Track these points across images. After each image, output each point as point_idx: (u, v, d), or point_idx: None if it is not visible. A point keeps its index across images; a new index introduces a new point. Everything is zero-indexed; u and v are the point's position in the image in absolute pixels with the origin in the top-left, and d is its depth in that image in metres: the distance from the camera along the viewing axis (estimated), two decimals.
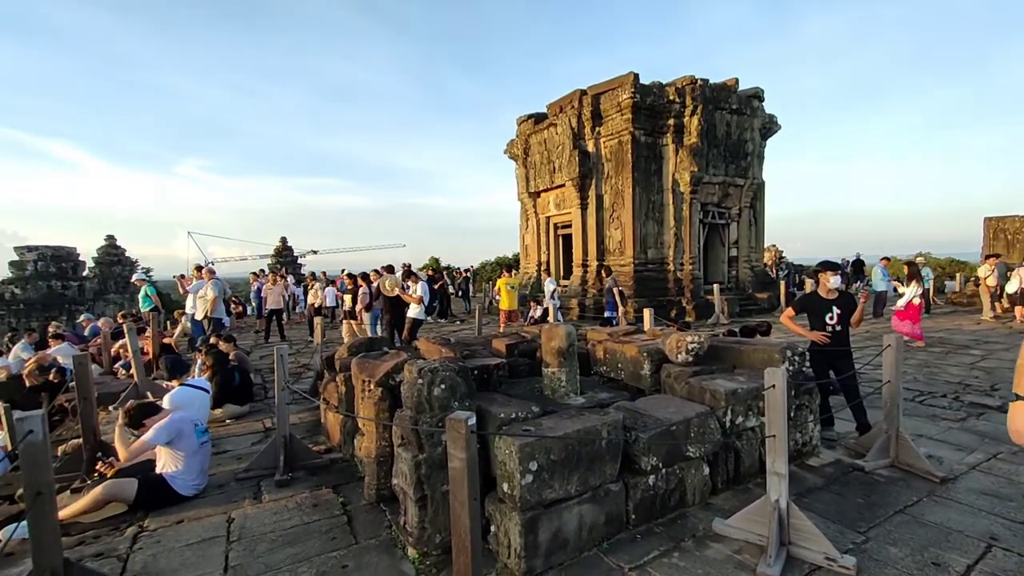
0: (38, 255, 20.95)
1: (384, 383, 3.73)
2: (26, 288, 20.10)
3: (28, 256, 20.83)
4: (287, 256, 28.48)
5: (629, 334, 5.36)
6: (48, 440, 2.55)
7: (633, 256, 13.85)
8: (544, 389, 3.95)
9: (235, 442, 5.15)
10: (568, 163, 14.86)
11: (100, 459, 4.18)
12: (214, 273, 9.16)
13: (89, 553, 3.15)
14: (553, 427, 2.83)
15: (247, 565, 2.98)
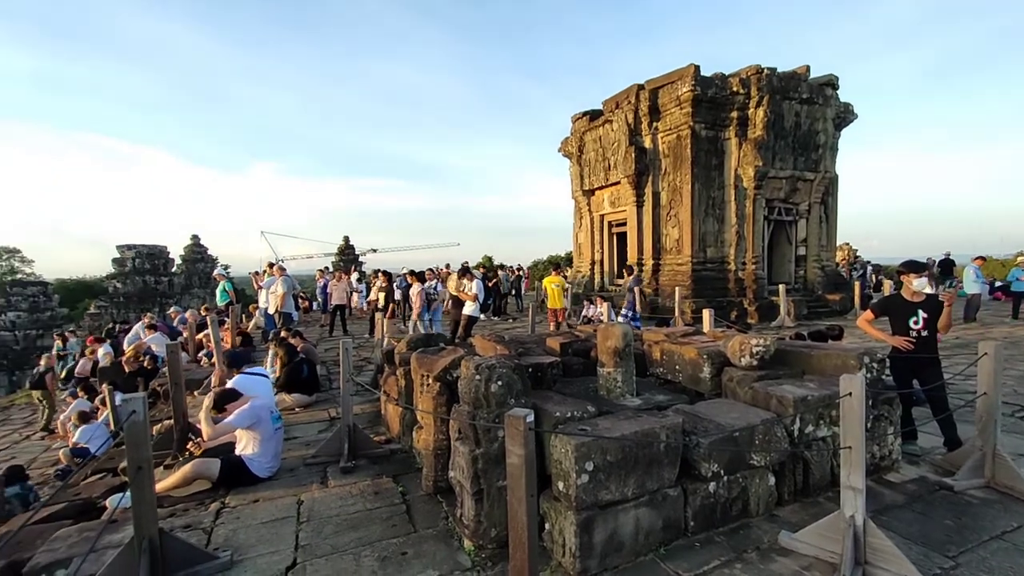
0: (136, 253, 23.36)
1: (442, 378, 3.84)
2: (126, 283, 22.43)
3: (127, 254, 23.28)
4: (349, 254, 29.87)
5: (687, 335, 5.19)
6: (148, 420, 2.84)
7: (691, 255, 13.37)
8: (599, 389, 3.91)
9: (303, 429, 5.48)
10: (624, 160, 14.57)
11: (190, 439, 4.59)
12: (284, 270, 9.78)
13: (179, 524, 3.47)
14: (610, 428, 2.81)
15: (315, 545, 3.16)
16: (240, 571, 2.91)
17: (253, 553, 3.08)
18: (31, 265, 44.21)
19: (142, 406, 2.74)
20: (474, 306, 9.03)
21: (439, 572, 2.83)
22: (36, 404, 12.93)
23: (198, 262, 25.61)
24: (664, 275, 14.18)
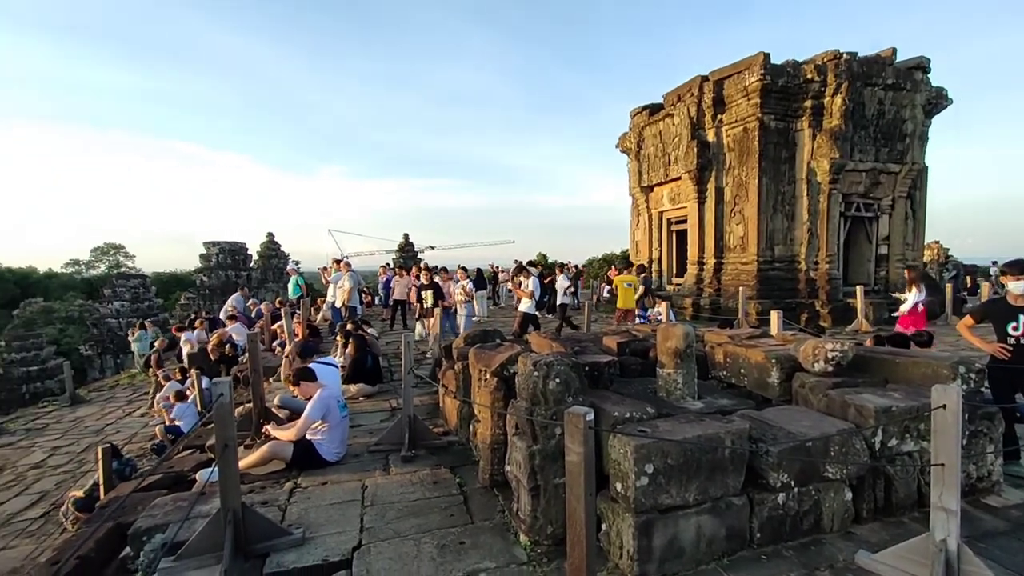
0: (219, 249, 25.53)
1: (499, 373, 3.90)
2: (210, 276, 24.58)
3: (212, 250, 25.49)
4: (409, 251, 30.88)
5: (753, 337, 4.95)
6: (233, 403, 3.09)
7: (757, 253, 12.69)
8: (658, 391, 3.82)
9: (366, 418, 5.74)
10: (685, 154, 14.06)
11: (262, 422, 4.94)
12: (350, 266, 10.29)
13: (258, 500, 3.74)
14: (671, 431, 2.73)
15: (378, 529, 3.32)
16: (311, 548, 3.10)
17: (322, 532, 3.28)
18: (133, 260, 49.28)
19: (228, 390, 2.99)
20: (530, 303, 9.05)
21: (495, 564, 2.88)
22: (137, 384, 14.40)
23: (272, 258, 27.50)
24: (727, 274, 13.56)
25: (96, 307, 25.90)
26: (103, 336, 22.56)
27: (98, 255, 48.86)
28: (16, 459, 9.11)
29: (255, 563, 2.99)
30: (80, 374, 15.91)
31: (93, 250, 49.21)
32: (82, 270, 47.96)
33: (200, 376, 7.89)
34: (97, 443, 8.39)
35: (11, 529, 6.54)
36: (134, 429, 9.99)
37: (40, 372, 19.75)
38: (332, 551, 3.06)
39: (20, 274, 44.71)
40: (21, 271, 45.52)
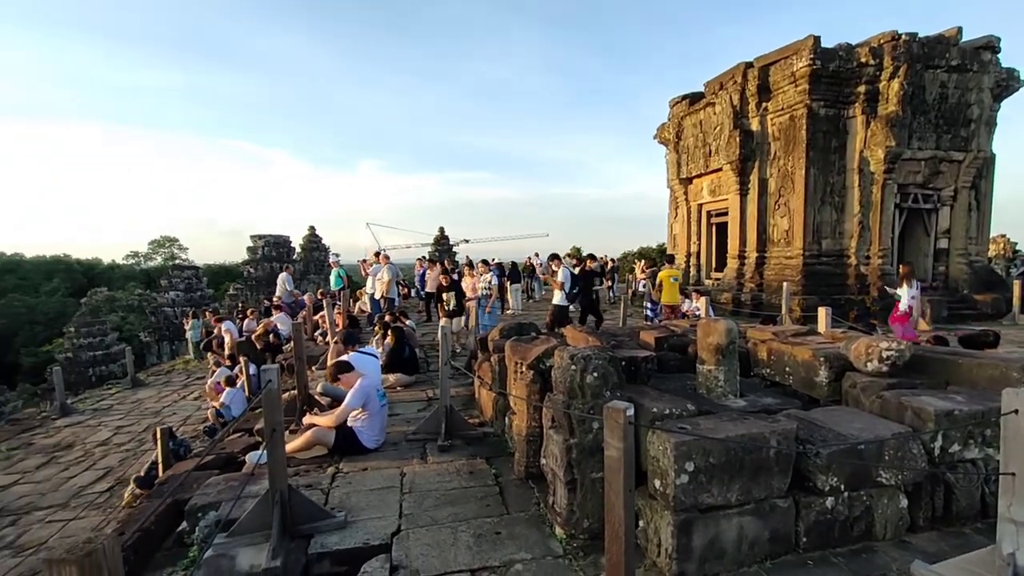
0: (265, 242, 26.70)
1: (535, 366, 3.90)
2: (257, 268, 25.74)
3: (258, 243, 26.70)
4: (444, 244, 31.28)
5: (799, 334, 4.76)
6: (280, 389, 3.22)
7: (803, 247, 12.17)
8: (698, 387, 3.73)
9: (404, 407, 5.87)
10: (727, 144, 13.58)
11: (305, 409, 5.13)
12: (388, 259, 10.52)
13: (302, 483, 3.89)
14: (712, 428, 2.67)
15: (416, 516, 3.40)
16: (353, 531, 3.21)
17: (363, 516, 3.38)
18: (186, 252, 52.00)
19: (276, 376, 3.11)
20: (561, 295, 8.97)
21: (531, 555, 2.90)
22: (191, 370, 15.23)
23: (314, 250, 28.47)
24: (769, 269, 13.07)
25: (154, 296, 27.54)
26: (160, 324, 23.97)
27: (155, 247, 51.85)
28: (85, 436, 9.82)
29: (300, 543, 3.12)
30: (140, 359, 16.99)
31: (151, 243, 52.29)
32: (141, 261, 51.04)
33: (248, 363, 8.27)
34: (155, 424, 8.94)
35: (81, 501, 7.08)
36: (188, 412, 10.59)
37: (105, 356, 21.19)
38: (372, 535, 3.16)
39: (87, 265, 48.04)
40: (88, 263, 48.88)
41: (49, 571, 1.35)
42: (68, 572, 1.33)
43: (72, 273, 44.34)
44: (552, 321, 8.95)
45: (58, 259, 47.02)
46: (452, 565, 2.83)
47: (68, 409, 11.42)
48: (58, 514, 6.74)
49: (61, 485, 7.64)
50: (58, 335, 25.27)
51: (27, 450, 9.27)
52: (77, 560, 1.31)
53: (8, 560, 5.68)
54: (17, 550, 5.89)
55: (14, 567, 5.53)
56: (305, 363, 5.46)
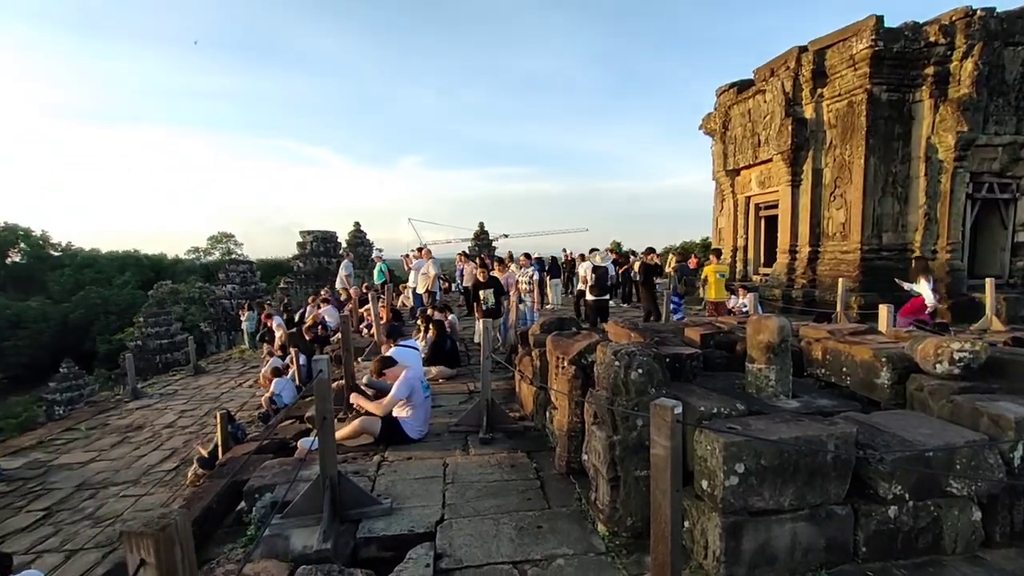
0: (313, 237, 27.85)
1: (577, 361, 3.88)
2: (305, 263, 26.88)
3: (307, 238, 27.87)
4: (483, 239, 31.51)
5: (857, 333, 4.50)
6: (330, 378, 3.35)
7: (861, 241, 11.47)
8: (746, 387, 3.60)
9: (446, 399, 5.98)
10: (778, 134, 12.96)
11: None
12: (431, 254, 10.71)
13: (350, 470, 4.04)
14: (764, 429, 2.57)
15: (459, 506, 3.46)
16: (398, 518, 3.31)
17: (408, 504, 3.48)
18: (241, 247, 54.88)
19: (327, 367, 3.24)
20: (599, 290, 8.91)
21: (573, 551, 2.90)
22: (247, 359, 16.08)
23: (359, 246, 29.37)
24: (823, 264, 12.41)
25: (212, 289, 29.22)
26: (218, 315, 25.42)
27: (213, 243, 54.98)
28: (153, 418, 10.58)
29: (349, 527, 3.25)
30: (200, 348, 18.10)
31: (209, 239, 55.50)
32: (200, 256, 54.23)
33: (298, 354, 8.65)
34: (215, 409, 9.50)
35: (150, 478, 7.63)
36: (244, 398, 11.19)
37: (169, 345, 22.70)
38: (417, 523, 3.24)
39: (154, 260, 51.55)
40: (155, 257, 52.45)
41: (128, 543, 1.46)
42: (145, 545, 1.43)
43: (141, 267, 47.71)
44: (593, 316, 8.88)
45: (129, 254, 50.72)
46: (495, 556, 2.87)
47: (139, 393, 12.32)
48: (130, 490, 7.30)
49: (133, 463, 8.27)
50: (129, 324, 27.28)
51: (103, 430, 10.08)
52: (153, 534, 1.41)
53: (89, 530, 6.21)
54: (96, 520, 6.43)
55: (94, 536, 6.05)
56: (352, 354, 5.66)
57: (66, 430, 10.19)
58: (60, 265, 45.15)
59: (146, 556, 1.38)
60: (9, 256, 46.43)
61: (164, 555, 1.39)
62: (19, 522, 6.48)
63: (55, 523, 6.43)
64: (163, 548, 1.39)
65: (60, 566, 5.39)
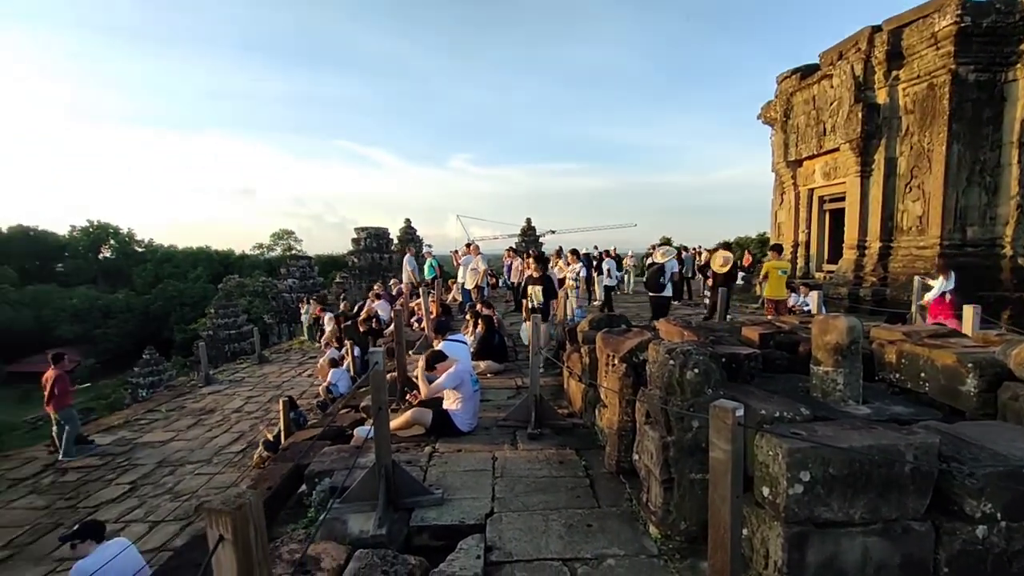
0: (367, 234, 28.96)
1: (628, 359, 3.81)
2: (360, 258, 27.97)
3: (361, 235, 29.01)
4: (531, 235, 31.54)
5: (938, 335, 4.16)
6: (385, 370, 3.46)
7: (941, 235, 10.56)
8: (811, 390, 3.41)
9: (494, 394, 6.05)
10: (846, 121, 12.12)
11: (406, 391, 5.48)
12: (479, 250, 10.85)
13: (403, 459, 4.16)
14: (833, 436, 2.42)
15: (508, 500, 3.49)
16: (449, 508, 3.38)
17: (458, 496, 3.55)
18: (300, 243, 57.80)
19: (382, 359, 3.35)
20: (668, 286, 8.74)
21: (624, 552, 2.86)
22: (306, 349, 16.93)
23: (409, 242, 30.20)
24: (896, 260, 11.53)
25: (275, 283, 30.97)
26: (280, 307, 26.90)
27: (275, 240, 58.19)
28: (223, 403, 11.36)
29: (402, 515, 3.35)
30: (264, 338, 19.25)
31: (272, 235, 58.80)
32: (264, 252, 57.56)
33: (353, 346, 9.01)
34: (277, 396, 10.08)
35: (222, 459, 8.21)
36: (304, 387, 11.80)
37: (237, 335, 24.28)
38: (468, 514, 3.30)
39: (223, 255, 55.28)
40: (224, 253, 56.21)
41: (209, 520, 1.58)
42: (223, 521, 1.54)
43: (212, 262, 51.30)
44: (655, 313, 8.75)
45: (201, 250, 54.68)
46: (544, 552, 2.87)
47: (210, 379, 13.26)
48: (204, 468, 7.89)
49: (206, 444, 8.92)
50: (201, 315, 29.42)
51: (180, 412, 10.93)
52: (231, 512, 1.52)
53: (169, 503, 6.77)
54: (175, 495, 6.99)
55: (173, 509, 6.58)
56: (404, 347, 5.82)
57: (148, 411, 11.13)
58: (143, 260, 49.35)
59: (224, 532, 1.49)
60: (101, 252, 51.17)
61: (240, 532, 1.49)
62: (109, 493, 7.16)
63: (140, 496, 7.05)
64: (239, 525, 1.49)
65: (144, 536, 5.91)
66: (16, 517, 6.61)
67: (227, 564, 1.50)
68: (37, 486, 7.53)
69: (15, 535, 6.18)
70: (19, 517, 6.60)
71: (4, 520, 6.54)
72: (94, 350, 36.68)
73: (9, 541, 6.05)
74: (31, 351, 33.38)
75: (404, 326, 10.17)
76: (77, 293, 40.41)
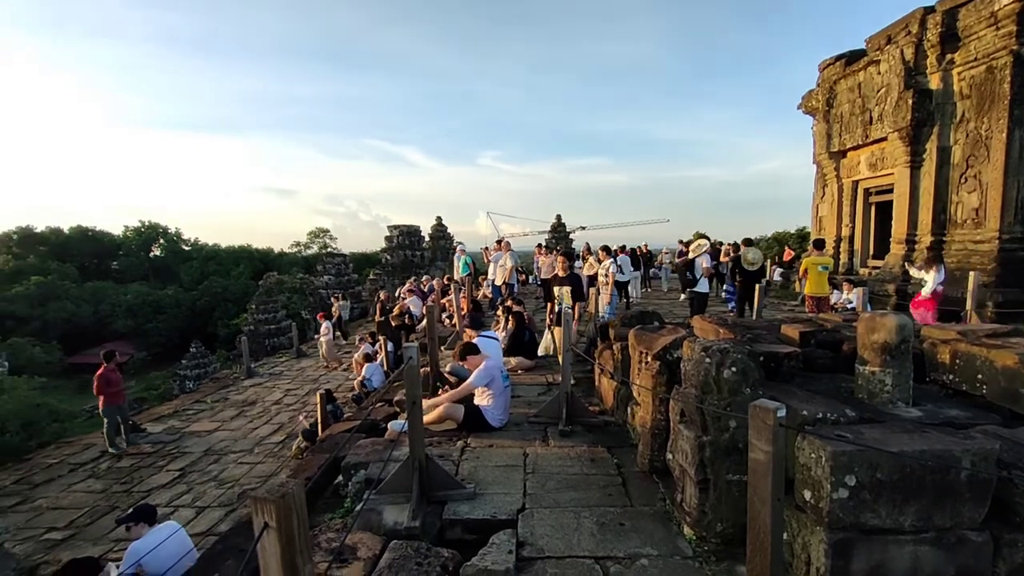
0: (399, 231, 29.46)
1: (661, 357, 3.74)
2: (392, 256, 28.49)
3: (394, 232, 29.54)
4: (560, 232, 31.37)
5: (997, 335, 3.90)
6: (419, 365, 3.51)
7: (1000, 229, 9.90)
8: (856, 391, 3.26)
9: (525, 390, 6.05)
10: (895, 108, 11.50)
11: (440, 386, 5.55)
12: (510, 246, 10.87)
13: (435, 453, 4.22)
14: (881, 440, 2.31)
15: (540, 496, 3.49)
16: (481, 503, 3.41)
17: (490, 490, 3.57)
18: (335, 241, 59.37)
19: (416, 354, 3.41)
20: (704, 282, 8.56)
21: (658, 552, 2.82)
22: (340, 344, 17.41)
23: (441, 239, 30.55)
24: (949, 256, 10.87)
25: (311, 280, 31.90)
26: (316, 304, 27.70)
27: (312, 238, 59.94)
28: (263, 395, 11.81)
29: (435, 508, 3.40)
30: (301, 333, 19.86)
31: (308, 233, 60.62)
32: (301, 250, 59.35)
33: (386, 341, 9.19)
34: (315, 389, 10.40)
35: (263, 449, 8.54)
36: (339, 381, 12.14)
37: (276, 330, 25.15)
38: (499, 509, 3.32)
39: (263, 253, 57.37)
40: (263, 251, 58.32)
41: (254, 507, 1.64)
42: (268, 510, 1.60)
43: (252, 260, 53.29)
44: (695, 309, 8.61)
45: (243, 248, 56.89)
46: (576, 550, 2.86)
47: (252, 372, 13.81)
48: (246, 458, 8.23)
49: (247, 434, 9.30)
50: (243, 311, 30.59)
51: (224, 403, 11.43)
52: (275, 501, 1.58)
53: (214, 490, 7.10)
54: (220, 483, 7.33)
55: (219, 496, 6.89)
56: (437, 343, 5.90)
57: (195, 402, 11.69)
58: (189, 258, 51.69)
59: (269, 520, 1.55)
60: (152, 250, 53.95)
61: (284, 520, 1.54)
62: (160, 479, 7.57)
63: (188, 482, 7.43)
64: (283, 514, 1.54)
65: (192, 520, 6.22)
66: (77, 500, 7.08)
67: (271, 550, 1.56)
68: (95, 471, 8.04)
69: (76, 516, 6.62)
70: (79, 500, 7.07)
71: (66, 502, 7.01)
72: (146, 343, 38.75)
73: (70, 522, 6.49)
74: (90, 343, 35.72)
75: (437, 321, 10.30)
76: (131, 289, 42.77)
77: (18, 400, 13.78)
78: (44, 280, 38.69)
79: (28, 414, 12.75)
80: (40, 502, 7.00)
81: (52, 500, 7.05)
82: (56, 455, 8.77)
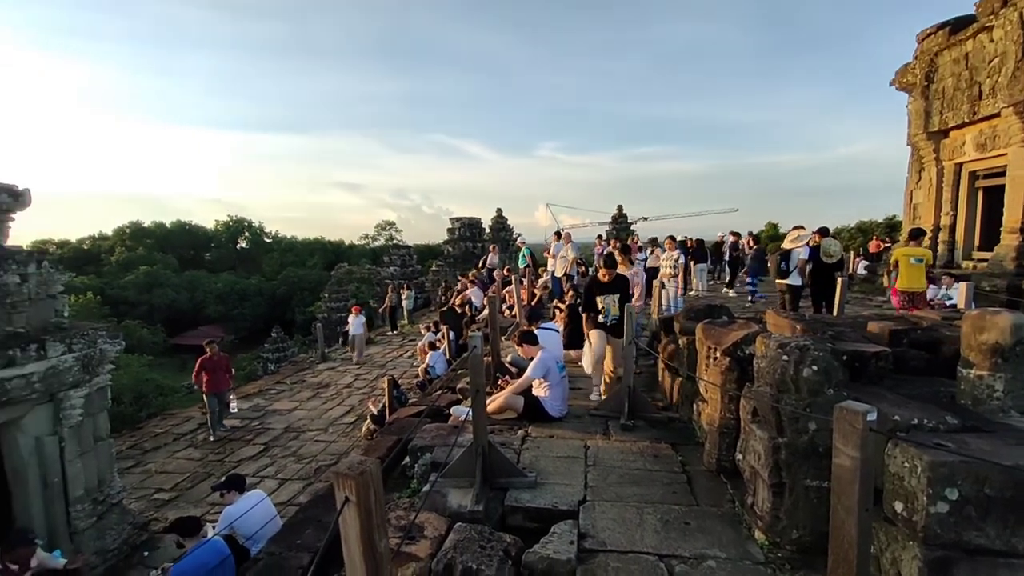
0: (461, 223, 30.09)
1: (732, 353, 3.58)
2: (454, 247, 29.17)
3: (455, 224, 30.23)
4: (622, 223, 30.62)
5: None
6: (482, 354, 3.58)
7: None
8: (958, 396, 2.95)
9: (584, 382, 6.00)
10: (1011, 80, 10.12)
11: (498, 376, 5.64)
12: (570, 237, 10.78)
13: (497, 441, 4.30)
14: (989, 451, 2.08)
15: (602, 489, 3.47)
16: (543, 492, 3.44)
17: (551, 480, 3.60)
18: (400, 233, 61.73)
19: (480, 344, 3.48)
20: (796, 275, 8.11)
21: (726, 555, 2.72)
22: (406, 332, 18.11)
23: (500, 231, 30.84)
24: None
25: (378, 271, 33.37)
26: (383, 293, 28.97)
27: (379, 230, 62.72)
28: (336, 379, 12.57)
29: (497, 494, 3.48)
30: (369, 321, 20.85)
31: (376, 226, 63.50)
32: (369, 242, 62.27)
33: (448, 330, 9.45)
34: (382, 374, 10.93)
35: (336, 429, 9.12)
36: (404, 368, 12.68)
37: (346, 318, 26.62)
38: (560, 500, 3.34)
39: (335, 245, 60.93)
40: (335, 243, 61.89)
41: (336, 482, 1.76)
42: (349, 485, 1.71)
43: (325, 251, 56.69)
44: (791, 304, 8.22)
45: (317, 240, 60.76)
46: (639, 545, 2.83)
47: (326, 357, 14.73)
48: (321, 436, 8.82)
49: (322, 414, 9.95)
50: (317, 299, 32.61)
51: (301, 385, 12.29)
52: (355, 477, 1.68)
53: (294, 464, 7.68)
54: (299, 458, 7.92)
55: (298, 470, 7.45)
56: (498, 332, 5.99)
57: (276, 383, 12.66)
58: (270, 250, 55.86)
59: (349, 494, 1.65)
60: (239, 242, 58.79)
61: (362, 495, 1.65)
62: (248, 452, 8.29)
63: (271, 456, 8.08)
64: (362, 489, 1.65)
65: (275, 490, 6.77)
66: (180, 466, 7.93)
67: (351, 523, 1.67)
68: (194, 441, 8.95)
69: (179, 480, 7.42)
70: (182, 466, 7.91)
71: (171, 467, 7.87)
72: (234, 327, 42.43)
73: (175, 485, 7.28)
74: (187, 327, 39.84)
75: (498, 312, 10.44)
76: (221, 278, 46.93)
77: (131, 375, 15.63)
78: (151, 269, 43.34)
79: (139, 388, 14.44)
80: (150, 466, 7.91)
81: (159, 465, 7.95)
82: (162, 425, 9.85)
